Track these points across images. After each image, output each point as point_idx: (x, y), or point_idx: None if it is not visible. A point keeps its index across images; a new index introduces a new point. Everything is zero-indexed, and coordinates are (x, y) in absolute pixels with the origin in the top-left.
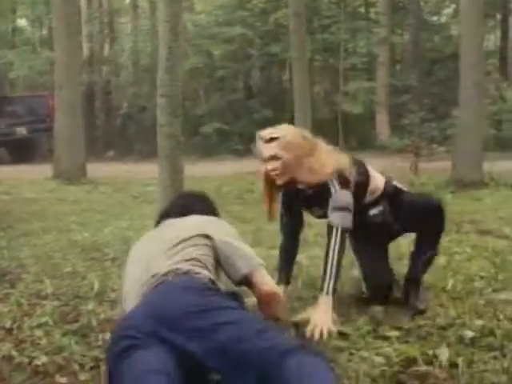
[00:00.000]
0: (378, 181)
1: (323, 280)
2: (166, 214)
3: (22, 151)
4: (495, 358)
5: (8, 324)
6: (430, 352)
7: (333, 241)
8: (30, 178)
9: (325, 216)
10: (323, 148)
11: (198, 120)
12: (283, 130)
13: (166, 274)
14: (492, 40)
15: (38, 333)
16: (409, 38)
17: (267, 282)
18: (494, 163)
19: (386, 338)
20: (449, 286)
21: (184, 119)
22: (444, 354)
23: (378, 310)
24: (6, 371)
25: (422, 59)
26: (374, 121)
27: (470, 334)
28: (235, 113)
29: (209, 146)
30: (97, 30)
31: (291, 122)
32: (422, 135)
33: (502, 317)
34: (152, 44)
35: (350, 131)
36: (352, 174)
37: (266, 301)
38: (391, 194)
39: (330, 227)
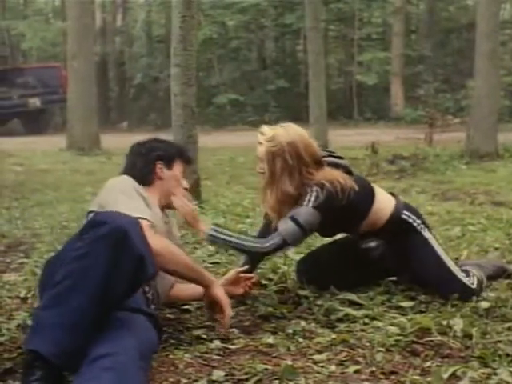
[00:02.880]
0: (381, 212)
1: (222, 232)
2: None
3: (35, 122)
4: (509, 328)
5: (23, 293)
6: (445, 322)
7: (266, 242)
8: (43, 149)
9: (324, 234)
10: (325, 169)
11: (211, 90)
12: (278, 137)
13: None
14: (508, 9)
15: None
16: (424, 8)
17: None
18: (508, 135)
19: (400, 309)
20: (463, 257)
21: (198, 90)
22: (458, 324)
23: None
24: (22, 339)
25: (437, 29)
26: (388, 91)
27: (484, 304)
28: (249, 83)
29: (222, 117)
30: None
31: (306, 92)
32: (437, 106)
33: None
34: (166, 15)
35: (364, 102)
36: (344, 198)
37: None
38: (395, 231)
39: (275, 230)
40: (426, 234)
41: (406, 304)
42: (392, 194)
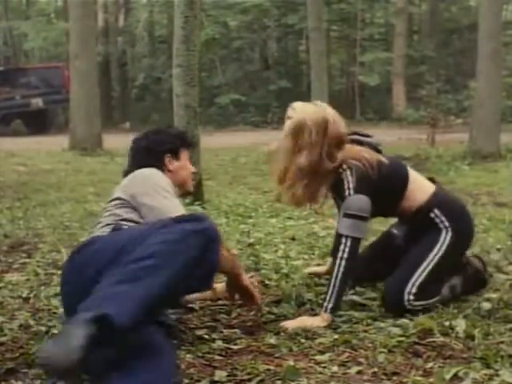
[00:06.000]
0: (415, 196)
1: (325, 297)
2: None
3: (37, 123)
4: (511, 329)
5: (25, 293)
6: (447, 323)
7: (341, 252)
8: (46, 150)
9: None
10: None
11: (214, 91)
12: (303, 113)
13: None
14: (510, 10)
15: (55, 302)
16: (426, 8)
17: None
18: (510, 135)
19: None
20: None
21: (200, 90)
22: (460, 325)
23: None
24: (24, 339)
25: (440, 30)
26: (390, 92)
27: (486, 306)
28: (251, 84)
29: (225, 117)
30: (112, 0)
31: (308, 93)
32: (439, 107)
33: None
34: (168, 15)
35: (366, 102)
36: (375, 171)
37: None
38: (423, 217)
39: (339, 235)
40: (448, 236)
41: None
42: (432, 180)
